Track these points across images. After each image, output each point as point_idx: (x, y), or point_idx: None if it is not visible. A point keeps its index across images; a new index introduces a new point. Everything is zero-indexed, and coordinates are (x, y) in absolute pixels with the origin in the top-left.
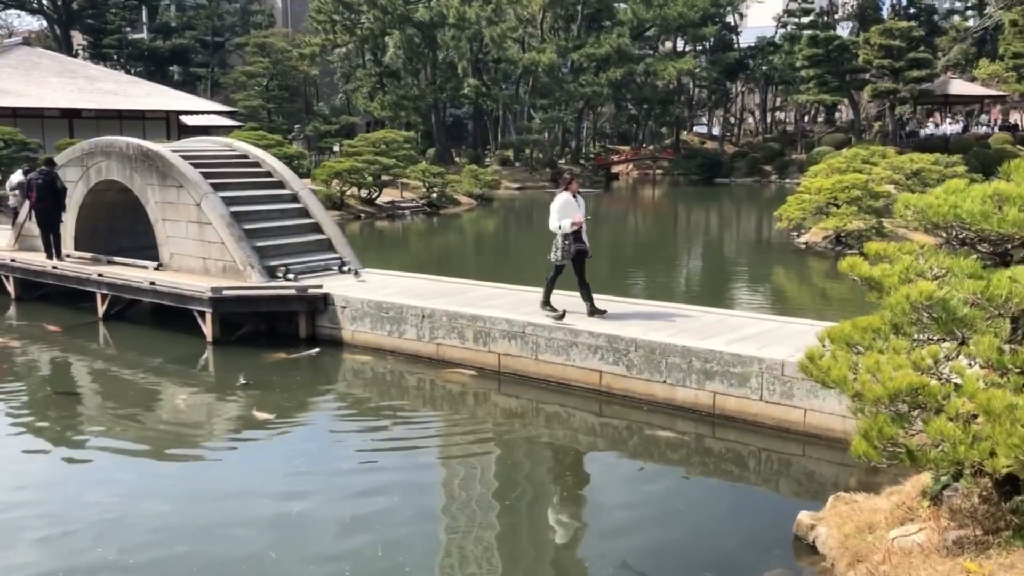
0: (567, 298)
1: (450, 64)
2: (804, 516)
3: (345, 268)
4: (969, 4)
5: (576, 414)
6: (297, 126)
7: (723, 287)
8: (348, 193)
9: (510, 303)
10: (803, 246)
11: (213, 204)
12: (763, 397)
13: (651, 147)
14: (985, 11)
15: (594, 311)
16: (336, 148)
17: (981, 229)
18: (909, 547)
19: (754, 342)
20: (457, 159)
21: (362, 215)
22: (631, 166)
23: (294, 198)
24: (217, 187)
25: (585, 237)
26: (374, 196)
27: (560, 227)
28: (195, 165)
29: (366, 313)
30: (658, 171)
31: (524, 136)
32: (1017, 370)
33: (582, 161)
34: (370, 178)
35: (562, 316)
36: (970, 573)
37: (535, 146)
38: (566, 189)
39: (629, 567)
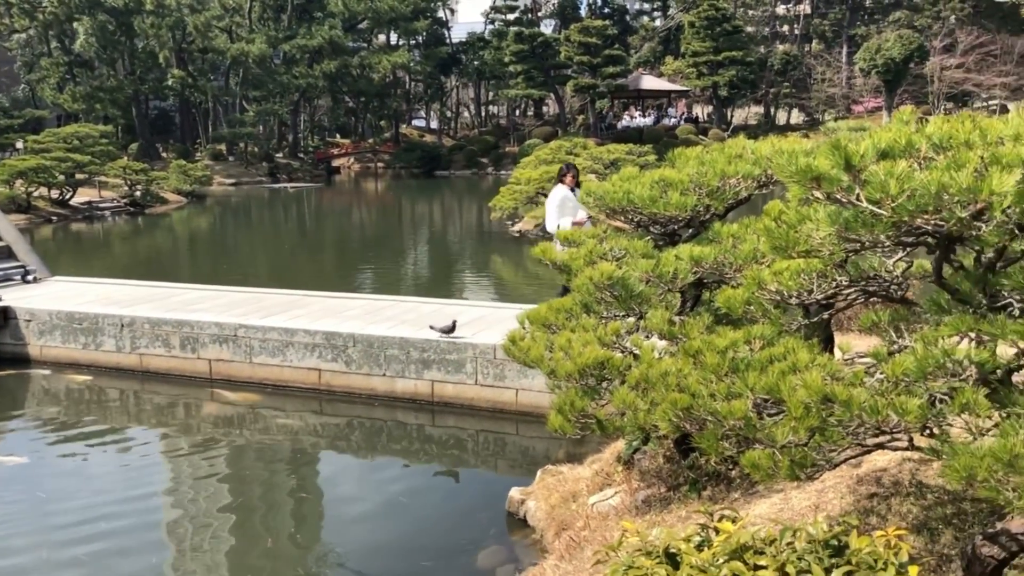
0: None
1: (151, 53)
2: (515, 492)
3: (29, 277)
4: (655, 6)
5: (297, 415)
6: None
7: (446, 277)
8: (36, 194)
9: (221, 305)
10: (517, 234)
11: None
12: (478, 381)
13: (371, 140)
14: (669, 12)
15: None
16: (19, 145)
17: (651, 212)
18: (606, 511)
19: (469, 328)
20: (164, 154)
21: (54, 218)
22: (352, 159)
23: None
24: None
25: None
26: (67, 197)
27: (559, 227)
28: None
29: (56, 325)
30: (379, 164)
31: (237, 129)
32: (685, 339)
33: (301, 154)
34: (61, 177)
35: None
36: (627, 531)
37: (249, 139)
38: (561, 182)
39: (348, 565)
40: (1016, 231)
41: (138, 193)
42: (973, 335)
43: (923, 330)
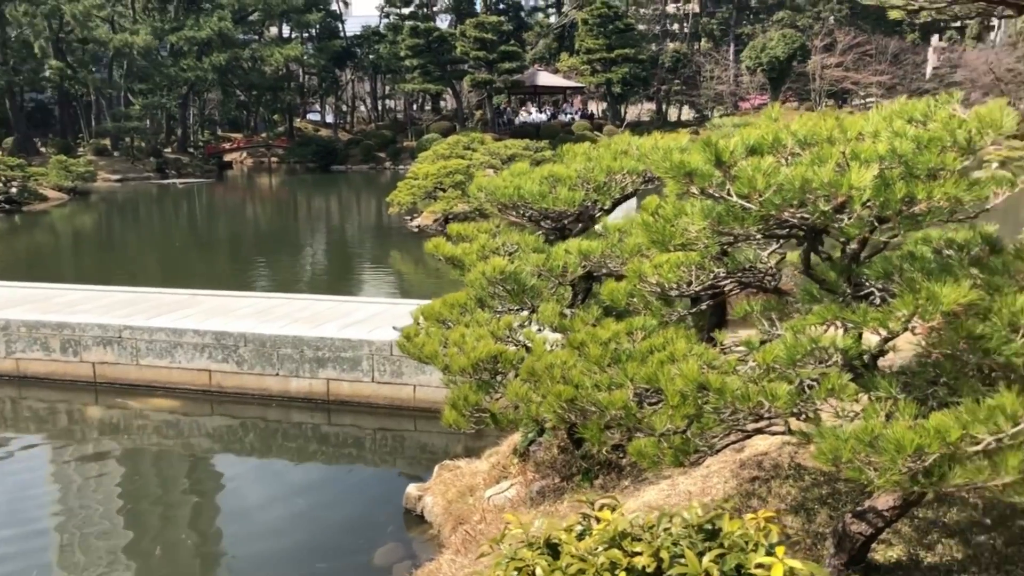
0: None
1: (25, 43)
2: (412, 488)
3: None
4: (550, 2)
5: (187, 418)
6: None
7: (344, 273)
8: None
9: (105, 306)
10: (416, 229)
11: None
12: (375, 378)
13: (264, 134)
14: (563, 9)
15: None
16: None
17: (542, 207)
18: (502, 503)
19: (365, 326)
20: (43, 149)
21: None
22: (244, 154)
23: None
24: None
25: None
26: None
27: None
28: None
29: None
30: (273, 159)
31: (122, 123)
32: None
33: (191, 149)
34: None
35: None
36: (509, 523)
37: (136, 134)
38: None
39: (240, 570)
40: (876, 223)
41: (14, 190)
42: (840, 323)
43: (794, 319)
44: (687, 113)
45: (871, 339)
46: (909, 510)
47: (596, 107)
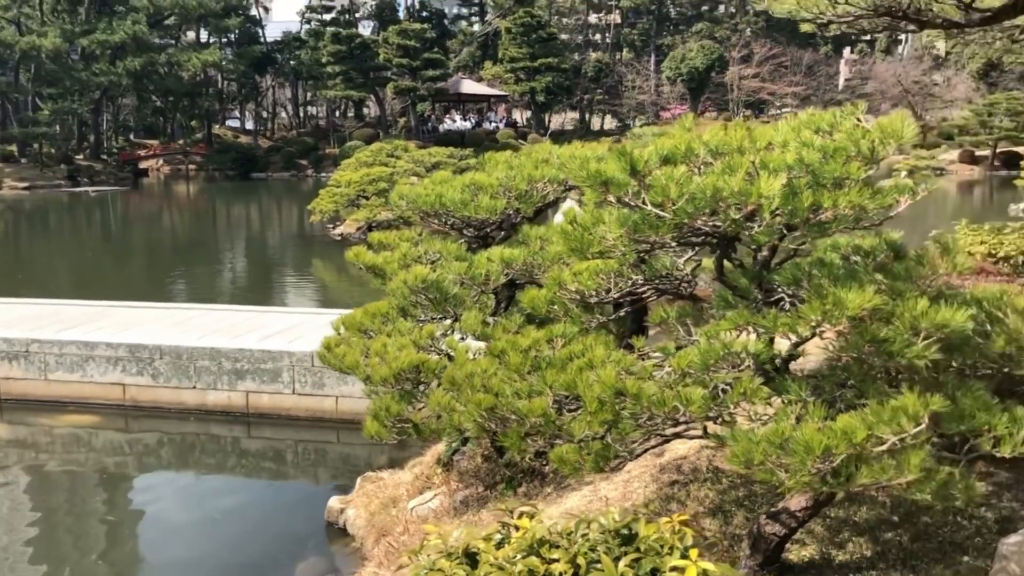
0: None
1: None
2: (334, 501)
3: None
4: (473, 11)
5: (100, 434)
6: None
7: (265, 283)
8: None
9: (11, 319)
10: (339, 238)
11: None
12: (296, 390)
13: (181, 141)
14: (486, 18)
15: None
16: None
17: (464, 215)
18: (425, 514)
19: (285, 336)
20: None
21: None
22: (161, 161)
23: None
24: None
25: None
26: None
27: None
28: None
29: None
30: (191, 166)
31: (30, 129)
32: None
33: (104, 156)
34: None
35: None
36: (428, 533)
37: (45, 140)
38: None
39: None
40: (785, 231)
41: None
42: (752, 328)
43: (709, 324)
44: (609, 122)
45: (783, 344)
46: (821, 510)
47: (520, 115)
